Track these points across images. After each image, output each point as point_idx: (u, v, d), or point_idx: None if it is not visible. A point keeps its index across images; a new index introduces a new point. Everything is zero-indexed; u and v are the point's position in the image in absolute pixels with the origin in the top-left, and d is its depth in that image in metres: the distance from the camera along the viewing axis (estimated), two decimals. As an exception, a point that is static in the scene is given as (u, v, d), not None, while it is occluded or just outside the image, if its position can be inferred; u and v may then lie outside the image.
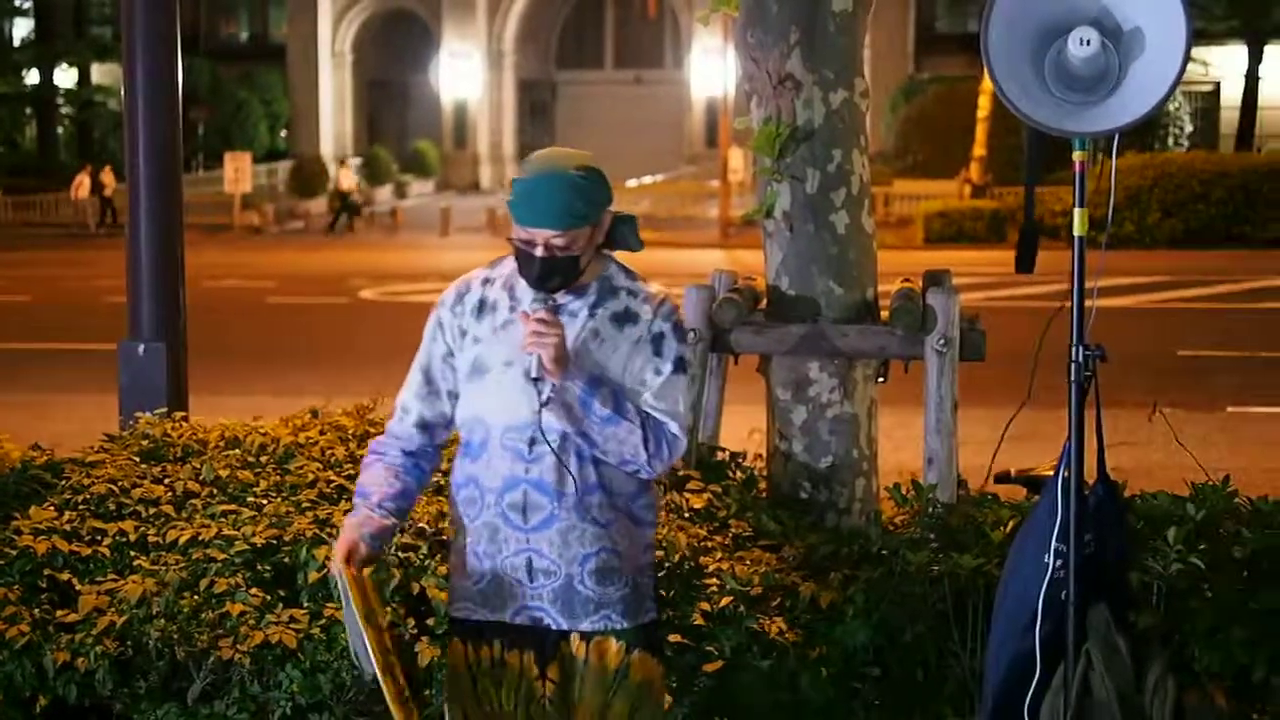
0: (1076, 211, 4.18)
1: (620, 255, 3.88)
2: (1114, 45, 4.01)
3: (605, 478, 3.76)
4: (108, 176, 39.46)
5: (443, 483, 4.77)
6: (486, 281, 3.85)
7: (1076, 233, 4.20)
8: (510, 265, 3.82)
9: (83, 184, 39.10)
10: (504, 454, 3.74)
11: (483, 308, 3.81)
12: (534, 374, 3.61)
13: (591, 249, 3.72)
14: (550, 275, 3.66)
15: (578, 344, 3.70)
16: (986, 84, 32.95)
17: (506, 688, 3.81)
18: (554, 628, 3.79)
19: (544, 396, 3.65)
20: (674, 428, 3.76)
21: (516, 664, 3.81)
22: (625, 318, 3.76)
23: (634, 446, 3.69)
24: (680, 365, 3.78)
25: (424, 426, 3.89)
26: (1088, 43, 3.97)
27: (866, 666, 5.00)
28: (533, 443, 3.71)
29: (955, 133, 37.48)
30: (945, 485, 5.90)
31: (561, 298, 3.71)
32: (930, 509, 5.53)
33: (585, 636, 3.80)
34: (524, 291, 3.75)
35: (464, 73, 51.95)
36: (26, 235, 38.20)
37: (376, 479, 3.86)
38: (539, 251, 3.63)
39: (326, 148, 51.40)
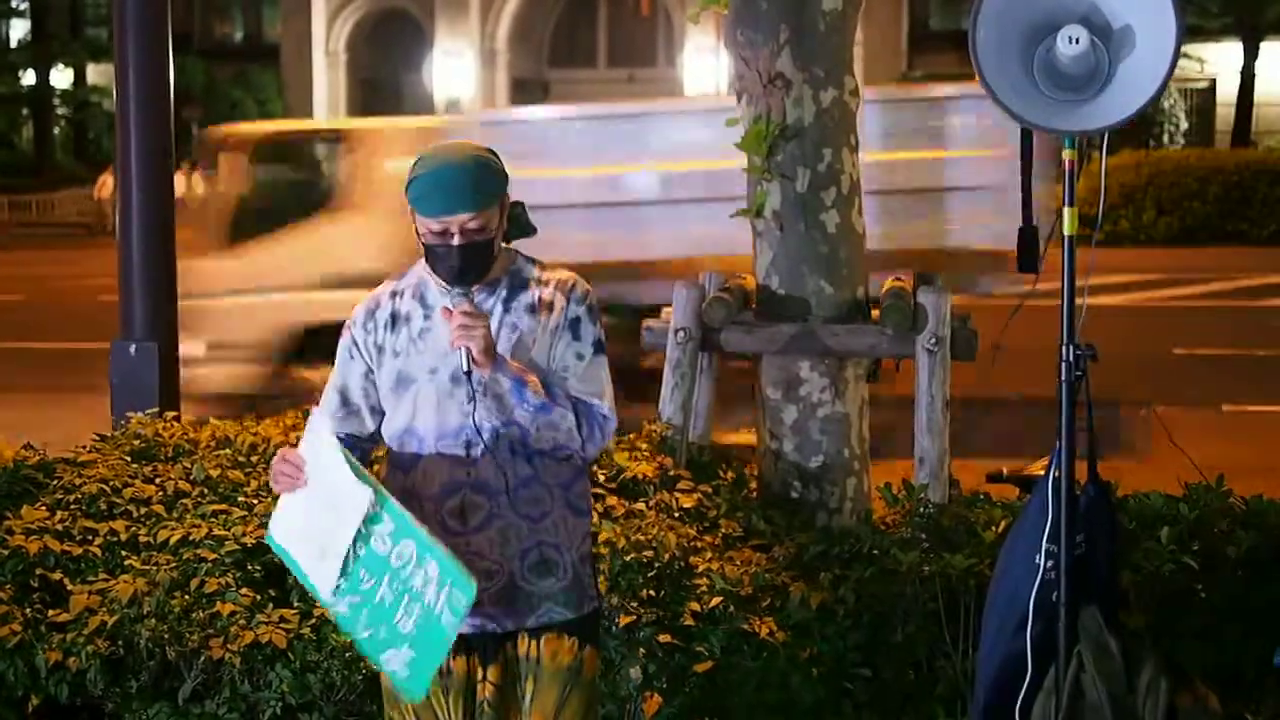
0: (1066, 210, 4.18)
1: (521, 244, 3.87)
2: (1103, 43, 4.01)
3: (539, 469, 3.74)
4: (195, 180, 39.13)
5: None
6: (395, 294, 3.82)
7: (1066, 231, 4.19)
8: (416, 274, 3.80)
9: (106, 184, 38.62)
10: (441, 461, 3.71)
11: (395, 321, 3.77)
12: (465, 368, 3.59)
13: (500, 234, 3.72)
14: (469, 264, 3.65)
15: (496, 340, 3.68)
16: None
17: (452, 695, 3.79)
18: (498, 631, 3.76)
19: (473, 392, 3.65)
20: (604, 409, 3.75)
21: (461, 671, 3.78)
22: (539, 307, 3.75)
23: (567, 432, 3.68)
24: (599, 347, 3.78)
25: (361, 441, 3.86)
26: (1077, 41, 3.97)
27: (857, 667, 5.00)
28: (469, 445, 3.70)
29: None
30: (936, 485, 5.89)
31: (475, 295, 3.70)
32: (921, 509, 5.53)
33: (532, 635, 3.78)
34: (435, 297, 3.74)
35: (457, 71, 51.88)
36: (22, 235, 38.16)
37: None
38: (455, 240, 3.62)
39: (320, 147, 51.35)
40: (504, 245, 3.79)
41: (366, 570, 3.61)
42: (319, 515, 3.67)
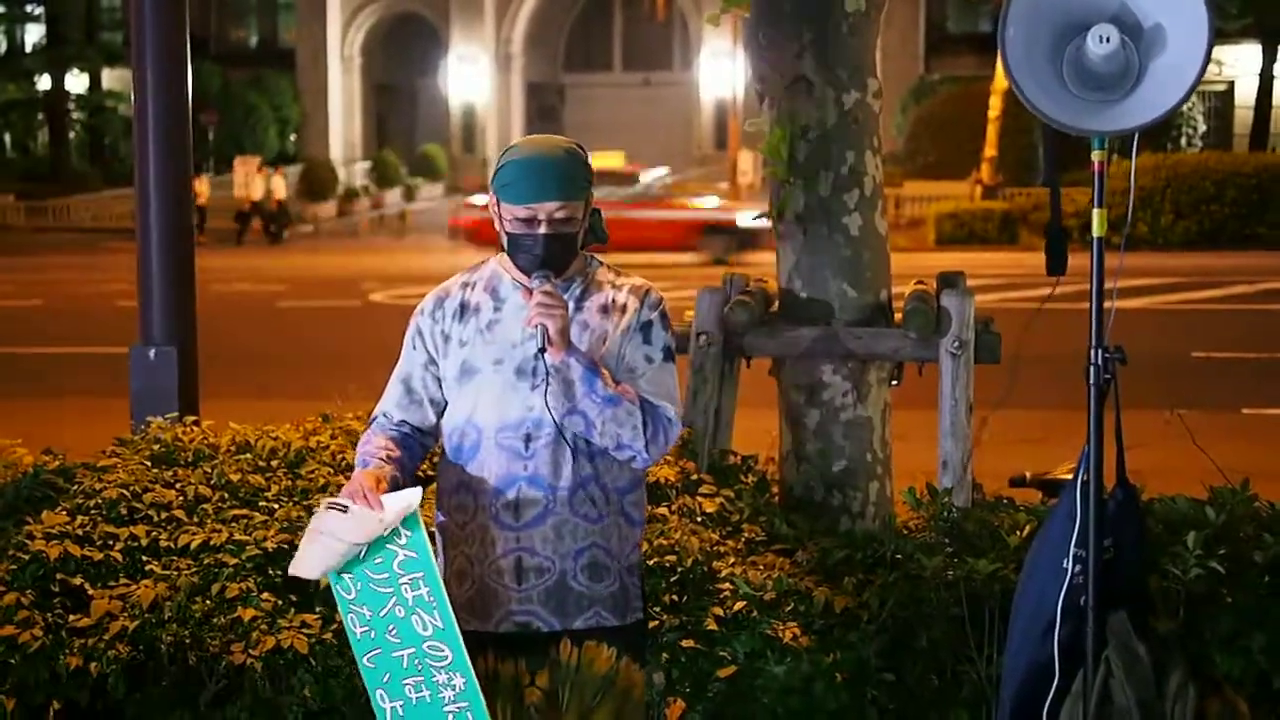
0: (1095, 212, 4.14)
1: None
2: (1134, 43, 3.97)
3: (599, 471, 3.75)
4: (276, 182, 39.02)
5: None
6: (466, 285, 3.85)
7: (1095, 234, 4.16)
8: (490, 268, 3.83)
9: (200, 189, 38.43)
10: (499, 453, 3.73)
11: (464, 311, 3.80)
12: (540, 344, 3.60)
13: (583, 230, 3.76)
14: (552, 254, 3.69)
15: (574, 335, 3.70)
16: (998, 84, 32.94)
17: (501, 699, 3.78)
18: (544, 630, 3.77)
19: (540, 379, 3.65)
20: (669, 412, 3.76)
21: (510, 674, 3.78)
22: (611, 308, 3.78)
23: (633, 429, 3.68)
24: (669, 354, 3.81)
25: (421, 433, 3.90)
26: (1107, 40, 3.93)
27: (881, 672, 4.96)
28: (528, 439, 3.70)
29: (966, 133, 37.39)
30: (960, 489, 5.86)
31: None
32: (945, 513, 5.49)
33: (575, 639, 3.78)
34: (508, 290, 3.77)
35: (472, 76, 51.95)
36: (38, 240, 38.25)
37: (374, 447, 3.83)
38: (542, 229, 3.66)
39: (336, 152, 51.41)
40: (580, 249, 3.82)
41: (396, 628, 3.67)
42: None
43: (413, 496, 3.67)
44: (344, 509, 3.65)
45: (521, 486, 3.72)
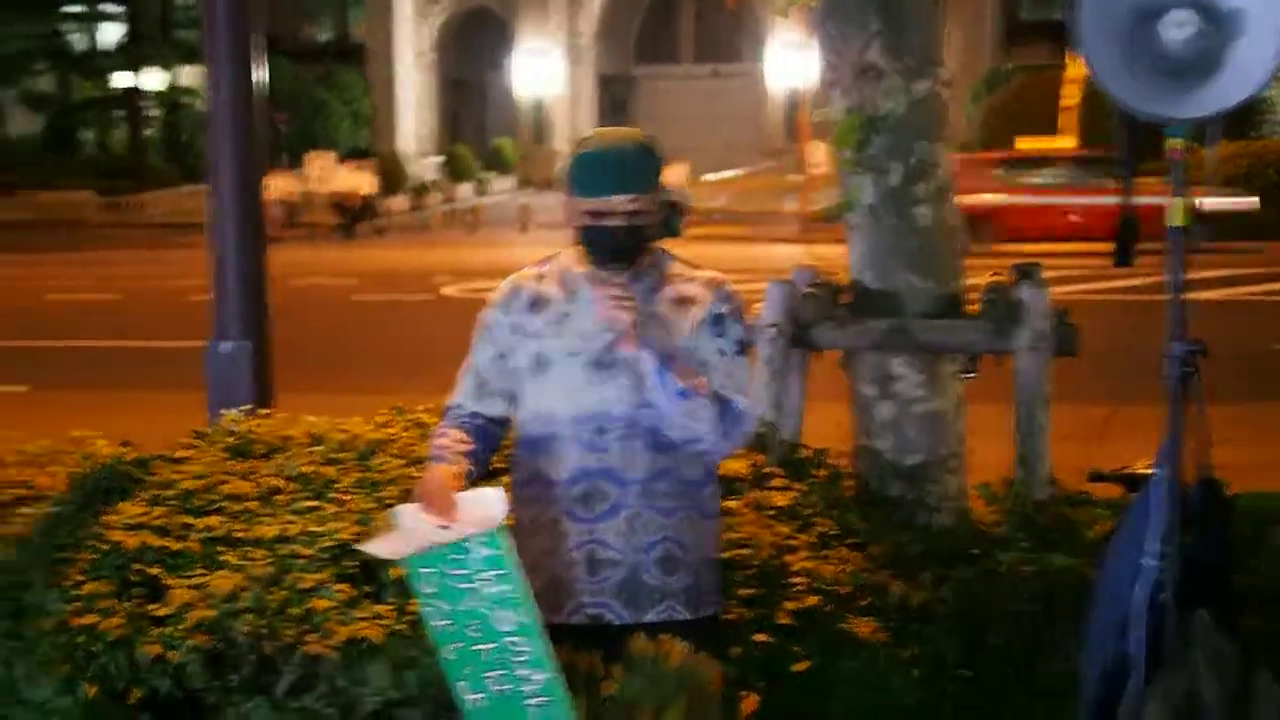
0: (1174, 202, 4.09)
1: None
2: (1212, 27, 3.91)
3: (672, 464, 3.75)
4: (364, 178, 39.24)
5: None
6: (538, 277, 3.86)
7: (1174, 224, 4.11)
8: (562, 260, 3.84)
9: (269, 187, 38.52)
10: (572, 446, 3.73)
11: (536, 303, 3.81)
12: (613, 339, 3.62)
13: (654, 223, 3.75)
14: (623, 247, 3.70)
15: (648, 328, 3.70)
16: (1072, 73, 32.62)
17: (575, 689, 3.78)
18: (616, 622, 3.77)
19: (612, 373, 3.66)
20: (742, 404, 3.76)
21: (584, 664, 3.78)
22: (684, 301, 3.78)
23: (706, 422, 3.68)
24: (742, 347, 3.81)
25: (496, 424, 3.89)
26: (1185, 24, 3.88)
27: (957, 668, 4.93)
28: (601, 431, 3.70)
29: (1040, 122, 37.09)
30: (1037, 483, 5.81)
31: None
32: (1022, 508, 5.45)
33: (649, 631, 3.77)
34: (579, 283, 3.76)
35: (542, 69, 52.05)
36: (116, 235, 38.62)
37: (449, 440, 3.82)
38: (612, 222, 3.66)
39: (407, 146, 51.64)
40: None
41: (477, 624, 3.66)
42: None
43: (494, 499, 3.65)
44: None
45: (595, 479, 3.72)
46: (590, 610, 3.76)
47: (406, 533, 3.70)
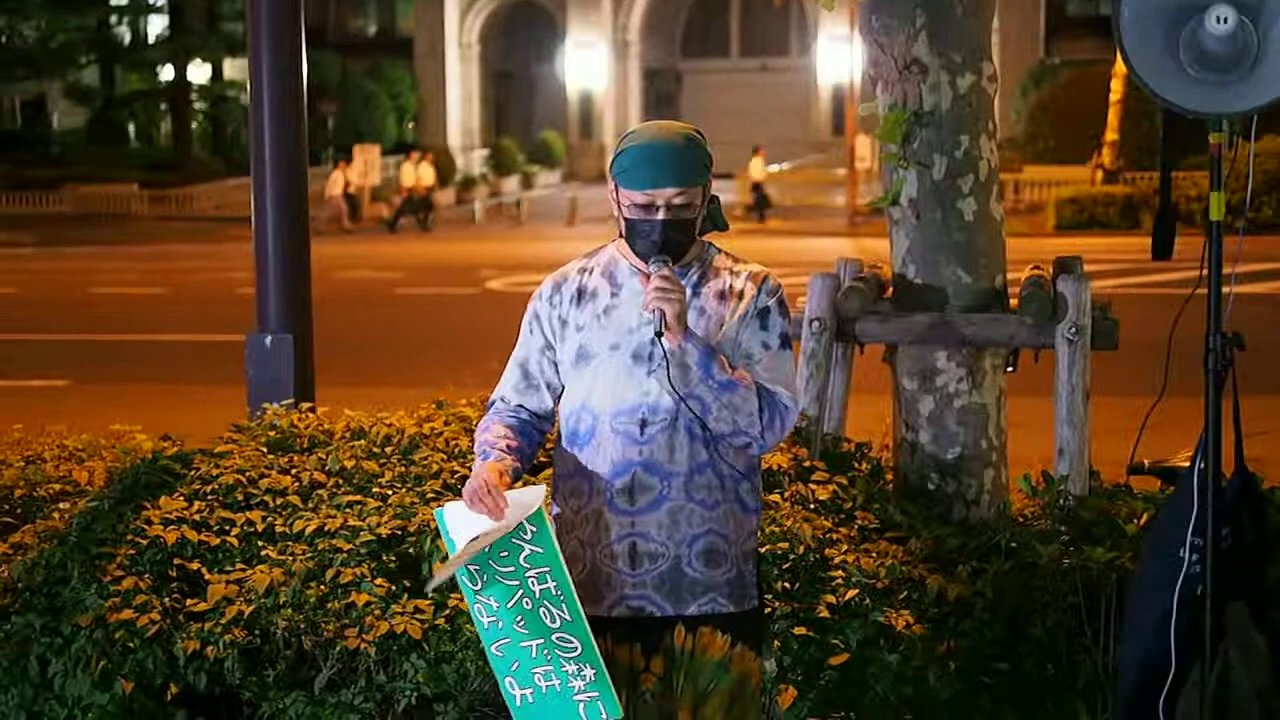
0: (1213, 196, 4.07)
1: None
2: (1252, 22, 3.89)
3: (715, 457, 3.75)
4: (424, 170, 39.40)
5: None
6: (584, 270, 3.86)
7: (1213, 217, 4.09)
8: (608, 253, 3.84)
9: (337, 180, 38.67)
10: (615, 439, 3.73)
11: (582, 296, 3.81)
12: (657, 328, 3.60)
13: (701, 217, 3.76)
14: (670, 241, 3.69)
15: (691, 321, 3.70)
16: (1119, 67, 32.41)
17: (615, 683, 3.78)
18: (658, 614, 3.77)
19: (656, 363, 3.66)
20: (786, 398, 3.75)
21: (625, 658, 3.78)
22: (729, 294, 3.78)
23: (749, 415, 3.68)
24: (786, 341, 3.80)
25: (539, 418, 3.91)
26: (1225, 20, 3.87)
27: (995, 661, 4.92)
28: (644, 424, 3.70)
29: (1087, 117, 36.89)
30: (1077, 477, 5.78)
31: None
32: (1061, 501, 5.43)
33: (689, 625, 3.78)
34: (625, 276, 3.77)
35: (589, 63, 52.08)
36: (161, 229, 38.83)
37: (494, 436, 3.83)
38: (660, 214, 3.67)
39: (454, 139, 51.76)
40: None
41: (524, 619, 3.70)
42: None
43: (536, 495, 3.69)
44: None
45: (637, 472, 3.72)
46: (632, 603, 3.77)
47: (458, 539, 3.73)
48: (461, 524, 3.74)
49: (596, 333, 3.76)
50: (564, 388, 3.86)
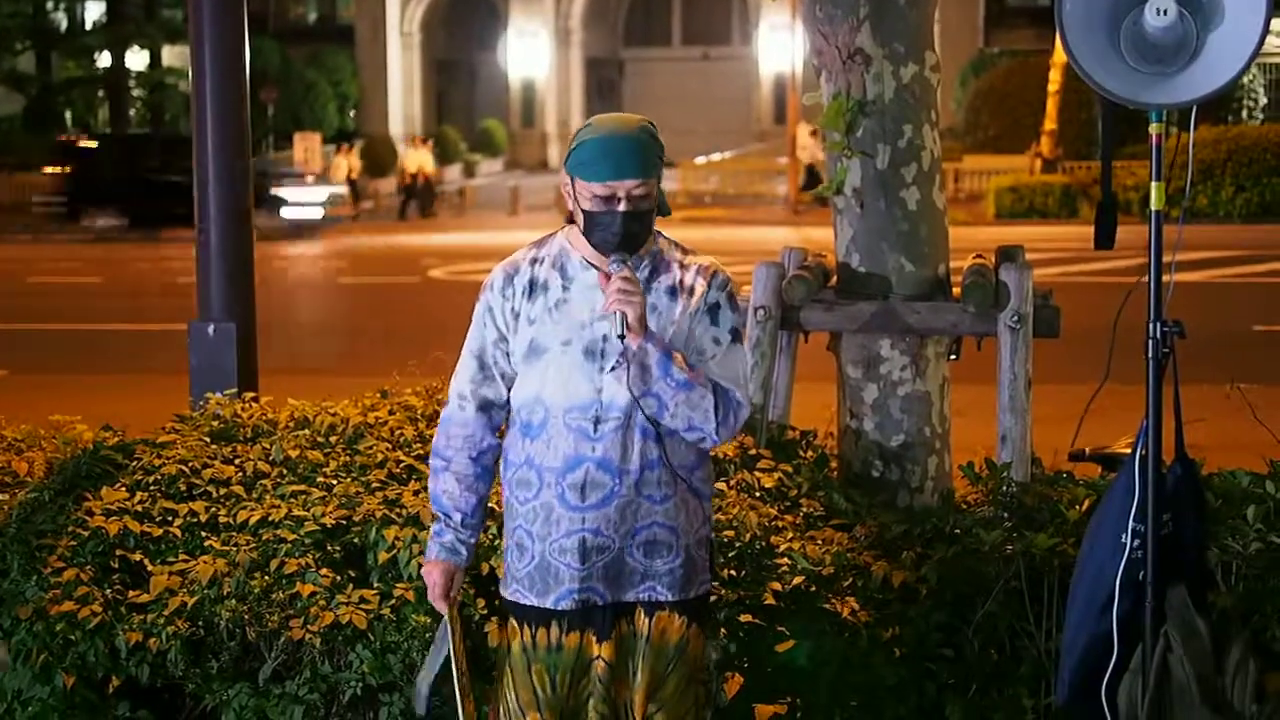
0: (1154, 186, 4.11)
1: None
2: (1192, 15, 3.93)
3: (667, 452, 3.76)
4: (354, 160, 39.12)
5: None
6: (535, 261, 3.84)
7: (1154, 207, 4.13)
8: (558, 244, 3.83)
9: (340, 167, 38.35)
10: (568, 434, 3.72)
11: (534, 288, 3.79)
12: (618, 332, 3.61)
13: (654, 208, 3.76)
14: (631, 233, 3.69)
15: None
16: (1057, 58, 32.63)
17: (561, 670, 3.80)
18: (599, 603, 3.79)
19: (611, 363, 3.66)
20: (739, 395, 3.78)
21: (574, 646, 3.79)
22: (680, 289, 3.78)
23: (705, 412, 3.70)
24: (737, 335, 3.83)
25: (485, 409, 3.87)
26: (1165, 12, 3.90)
27: (940, 647, 4.95)
28: (597, 421, 3.70)
29: (1026, 107, 37.11)
30: (1019, 464, 5.83)
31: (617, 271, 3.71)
32: (1004, 487, 5.47)
33: (646, 611, 3.81)
34: (576, 269, 3.76)
35: (531, 51, 51.97)
36: (99, 217, 38.41)
37: (451, 492, 3.85)
38: (621, 207, 3.67)
39: (395, 128, 51.53)
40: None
41: None
42: None
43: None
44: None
45: (589, 468, 3.72)
46: (578, 595, 3.78)
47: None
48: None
49: (549, 327, 3.75)
50: (515, 380, 3.85)
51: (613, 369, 3.68)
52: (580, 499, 3.73)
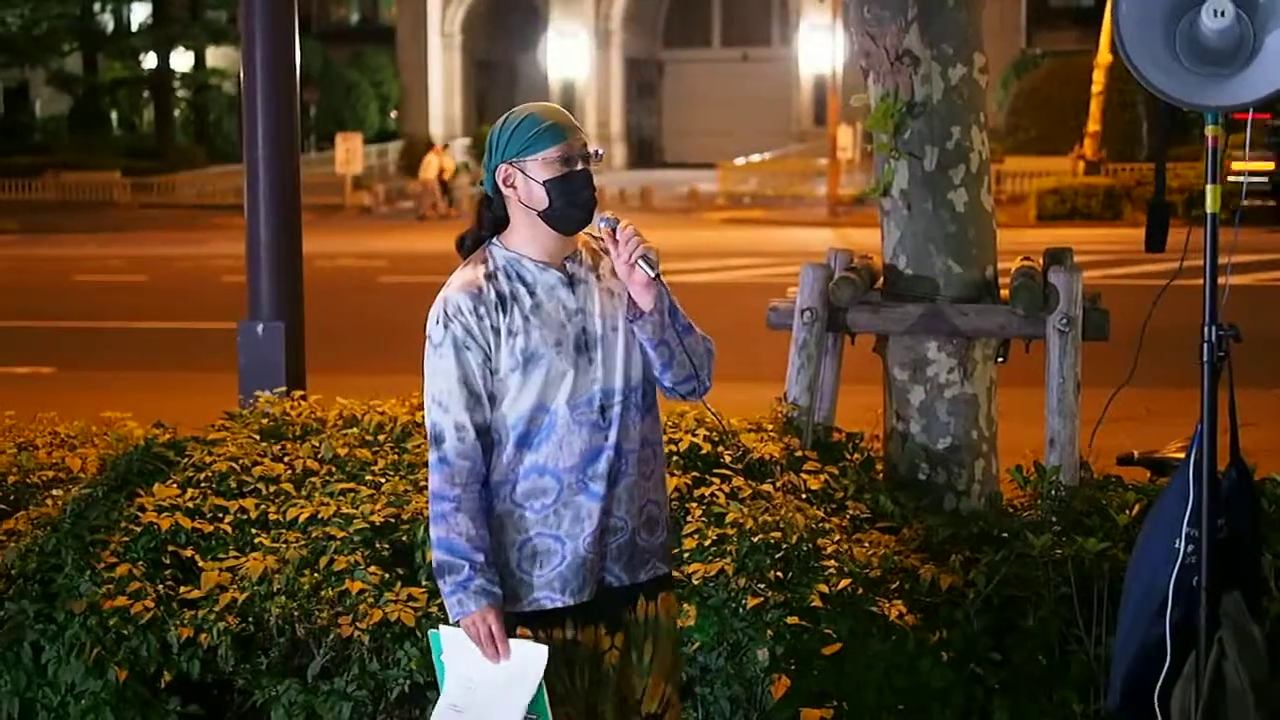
0: (1209, 188, 4.09)
1: None
2: (1249, 16, 3.91)
3: (648, 428, 3.83)
4: (447, 160, 39.31)
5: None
6: (489, 277, 3.73)
7: (1209, 210, 4.11)
8: (499, 255, 3.76)
9: (430, 164, 38.46)
10: (580, 430, 3.71)
11: (504, 302, 3.71)
12: (655, 273, 3.67)
13: None
14: (594, 192, 3.73)
15: (602, 306, 3.75)
16: (1101, 58, 32.51)
17: (578, 665, 3.79)
18: (615, 585, 3.81)
19: (594, 350, 3.72)
20: (710, 341, 3.88)
21: (590, 640, 3.79)
22: (599, 253, 3.84)
23: (702, 356, 3.82)
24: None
25: (482, 433, 3.73)
26: (1222, 14, 3.88)
27: (988, 651, 4.94)
28: (603, 409, 3.73)
29: (1068, 108, 36.95)
30: (1068, 467, 5.81)
31: (569, 266, 3.76)
32: (1052, 491, 5.45)
33: (648, 595, 3.86)
34: (533, 274, 3.73)
35: (571, 52, 52.01)
36: (144, 217, 38.71)
37: (467, 533, 3.69)
38: (580, 165, 3.70)
39: (436, 128, 51.66)
40: None
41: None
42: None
43: (539, 655, 3.67)
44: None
45: (607, 455, 3.74)
46: (602, 581, 3.80)
47: (450, 664, 3.77)
48: (458, 652, 3.74)
49: (535, 333, 3.70)
50: (500, 396, 3.73)
51: (596, 356, 3.71)
52: (603, 487, 3.74)
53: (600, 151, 3.84)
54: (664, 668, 3.88)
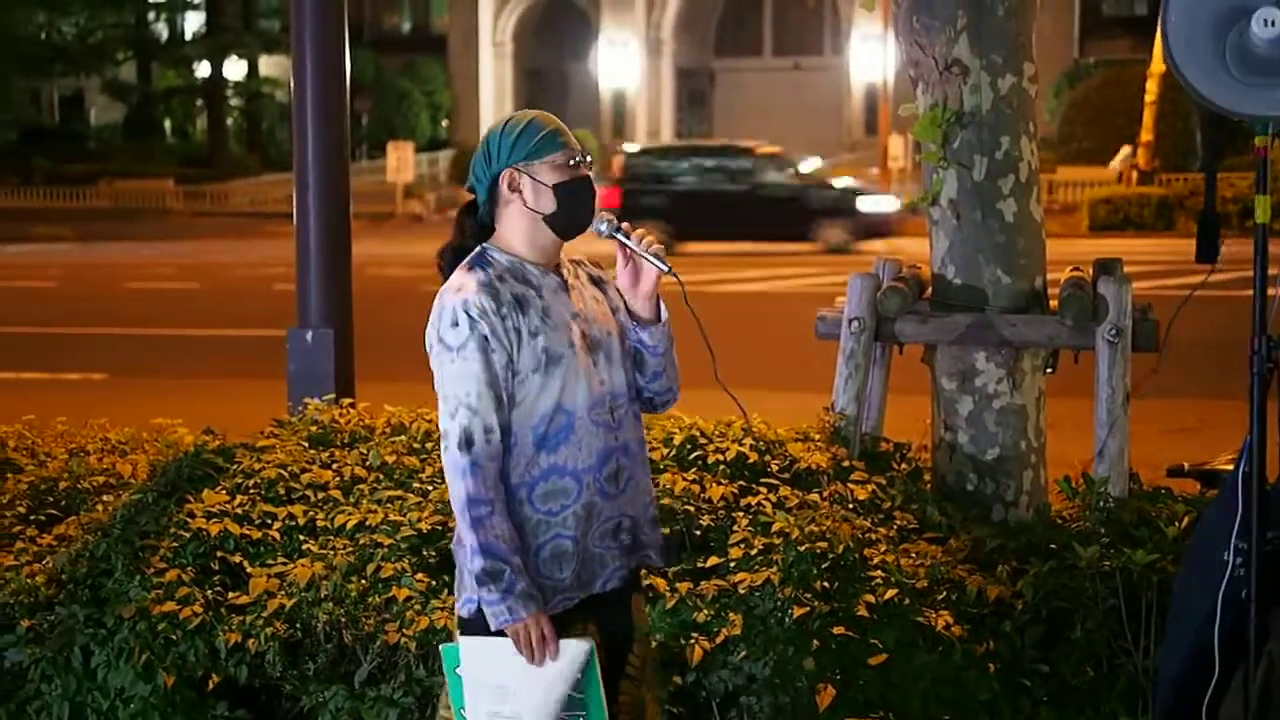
0: (1258, 199, 4.06)
1: None
2: (1301, 26, 3.88)
3: (639, 430, 3.88)
4: None
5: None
6: (500, 279, 3.71)
7: (1258, 220, 4.08)
8: (501, 259, 3.74)
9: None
10: (596, 430, 3.72)
11: (520, 303, 3.69)
12: (667, 267, 3.75)
13: None
14: (595, 196, 3.78)
15: (594, 308, 3.80)
16: (1155, 68, 32.35)
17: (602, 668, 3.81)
18: (618, 585, 3.84)
19: (602, 350, 3.75)
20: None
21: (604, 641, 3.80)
22: (596, 280, 3.89)
23: (677, 369, 3.91)
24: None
25: (506, 434, 3.68)
26: (1272, 24, 3.85)
27: (1035, 663, 4.92)
28: (613, 409, 3.76)
29: (1121, 118, 36.79)
30: (1116, 479, 5.77)
31: (552, 277, 3.77)
32: (1101, 503, 5.42)
33: (635, 577, 3.90)
34: (536, 275, 3.73)
35: (622, 61, 52.07)
36: (196, 224, 38.98)
37: (505, 534, 3.64)
38: (583, 170, 3.75)
39: (487, 137, 51.79)
40: None
41: None
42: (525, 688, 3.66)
43: (580, 650, 3.64)
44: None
45: (618, 456, 3.77)
46: (617, 572, 3.83)
47: (468, 677, 3.71)
48: (484, 662, 3.66)
49: (551, 334, 3.68)
50: (521, 397, 3.69)
51: (606, 356, 3.76)
52: (616, 487, 3.76)
53: (591, 158, 3.87)
54: (649, 673, 3.92)
